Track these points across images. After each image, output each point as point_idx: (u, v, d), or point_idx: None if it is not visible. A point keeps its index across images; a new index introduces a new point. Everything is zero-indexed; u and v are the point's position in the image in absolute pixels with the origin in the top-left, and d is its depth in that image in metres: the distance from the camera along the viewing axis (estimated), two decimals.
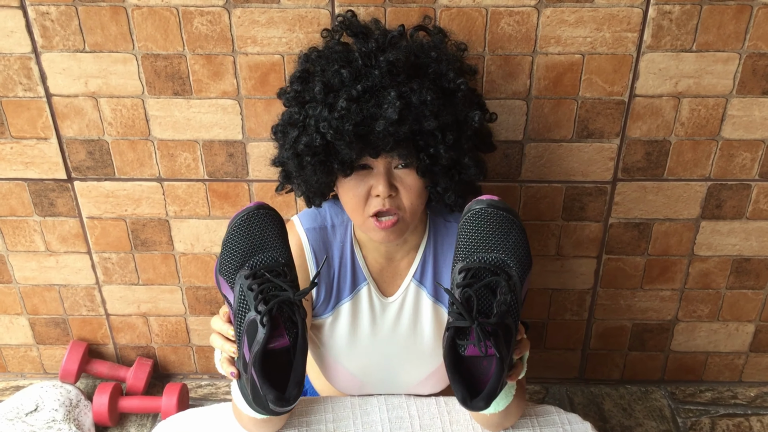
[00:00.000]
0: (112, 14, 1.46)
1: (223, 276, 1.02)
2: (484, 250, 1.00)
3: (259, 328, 0.95)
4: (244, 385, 1.03)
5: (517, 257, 1.00)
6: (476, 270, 0.99)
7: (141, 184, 1.67)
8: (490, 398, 0.97)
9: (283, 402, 0.95)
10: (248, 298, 0.98)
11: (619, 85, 1.52)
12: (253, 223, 1.02)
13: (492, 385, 0.97)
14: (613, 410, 1.94)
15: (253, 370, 0.96)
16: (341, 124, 1.08)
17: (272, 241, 1.02)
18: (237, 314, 1.00)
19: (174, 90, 1.54)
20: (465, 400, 0.98)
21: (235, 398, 1.13)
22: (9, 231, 1.76)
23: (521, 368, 1.05)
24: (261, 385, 0.96)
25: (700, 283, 1.82)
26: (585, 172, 1.64)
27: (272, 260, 1.01)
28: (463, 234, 1.01)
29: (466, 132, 1.15)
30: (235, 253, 1.02)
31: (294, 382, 0.98)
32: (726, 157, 1.62)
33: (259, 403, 1.00)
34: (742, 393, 2.00)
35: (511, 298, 0.97)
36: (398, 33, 1.22)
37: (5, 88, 1.55)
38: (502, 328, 0.96)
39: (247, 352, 0.98)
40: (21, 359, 2.00)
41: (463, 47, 1.32)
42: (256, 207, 1.03)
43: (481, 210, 1.00)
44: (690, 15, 1.44)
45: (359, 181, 1.15)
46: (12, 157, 1.64)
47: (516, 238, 1.00)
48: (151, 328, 1.93)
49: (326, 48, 1.22)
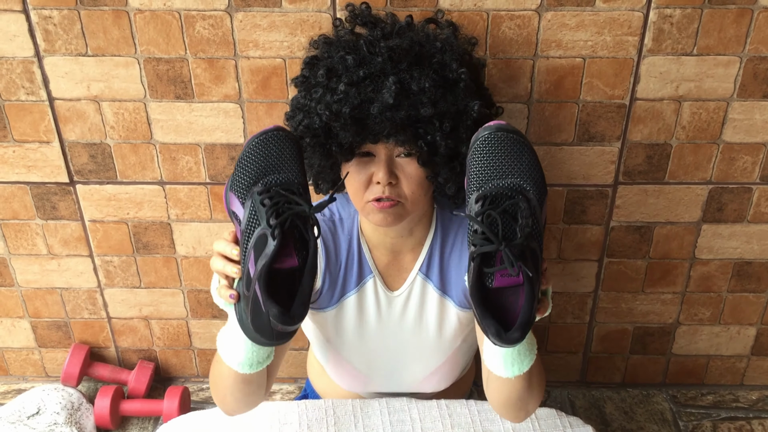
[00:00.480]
0: (114, 18, 1.46)
1: (234, 191, 1.00)
2: (499, 176, 0.97)
3: (269, 241, 0.92)
4: (242, 308, 0.99)
5: (533, 180, 0.97)
6: (493, 197, 0.95)
7: (143, 188, 1.68)
8: (526, 326, 0.92)
9: (287, 318, 0.91)
10: (260, 213, 0.94)
11: (620, 88, 1.52)
12: (270, 144, 1.00)
13: (525, 310, 0.92)
14: (615, 414, 1.94)
15: (257, 285, 0.92)
16: (339, 107, 1.09)
17: (289, 163, 1.00)
18: (246, 230, 0.96)
19: (176, 94, 1.54)
20: (499, 334, 0.92)
21: (223, 345, 1.09)
22: (11, 234, 1.76)
23: (547, 303, 1.02)
24: (264, 300, 0.91)
25: (702, 287, 1.82)
26: (586, 175, 1.64)
27: (287, 180, 0.99)
28: (474, 162, 0.98)
29: (465, 121, 1.15)
30: (249, 170, 0.99)
31: (300, 301, 0.94)
32: (727, 161, 1.62)
33: (258, 325, 0.95)
34: (744, 396, 2.00)
35: (533, 221, 0.94)
36: (406, 23, 1.25)
37: (8, 91, 1.56)
38: (529, 251, 0.93)
39: (252, 268, 0.94)
40: (23, 362, 2.00)
41: (474, 41, 1.34)
42: (275, 128, 1.01)
43: (491, 135, 0.97)
44: (691, 19, 1.45)
45: (361, 167, 1.16)
46: (14, 161, 1.65)
47: (529, 160, 0.98)
48: (152, 332, 1.93)
49: (336, 36, 1.25)
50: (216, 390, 1.17)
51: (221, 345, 1.10)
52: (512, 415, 1.18)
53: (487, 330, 0.94)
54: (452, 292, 1.29)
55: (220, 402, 1.18)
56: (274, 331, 0.94)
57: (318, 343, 1.40)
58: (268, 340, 0.97)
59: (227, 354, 1.08)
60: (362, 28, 1.27)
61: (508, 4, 1.43)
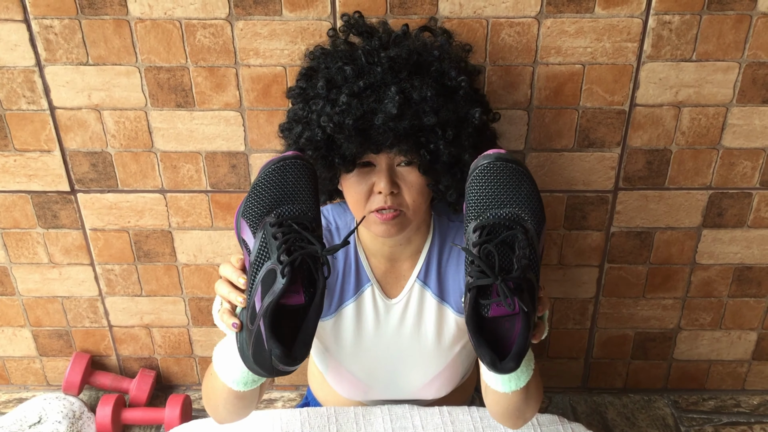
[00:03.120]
0: (115, 27, 1.47)
1: (246, 219, 0.99)
2: (497, 205, 0.96)
3: (277, 278, 0.90)
4: (244, 339, 0.97)
5: (531, 210, 0.97)
6: (491, 226, 0.95)
7: (144, 196, 1.68)
8: (520, 357, 0.92)
9: (290, 360, 0.90)
10: (271, 246, 0.93)
11: (620, 94, 1.53)
12: (287, 172, 0.98)
13: (520, 342, 0.92)
14: (617, 419, 1.94)
15: (262, 321, 0.91)
16: (341, 119, 1.09)
17: (304, 194, 0.99)
18: (255, 261, 0.95)
19: (177, 102, 1.55)
20: (494, 363, 0.92)
21: (219, 361, 1.07)
22: (12, 243, 1.76)
23: (543, 327, 1.02)
24: (268, 339, 0.90)
25: (702, 292, 1.82)
26: (586, 181, 1.64)
27: (301, 213, 0.97)
28: (473, 191, 0.98)
29: (467, 129, 1.15)
30: (263, 198, 0.98)
31: (302, 341, 0.93)
32: (727, 166, 1.62)
33: (259, 360, 0.94)
34: (745, 401, 1.99)
35: (530, 252, 0.93)
36: (402, 32, 1.25)
37: (9, 101, 1.56)
38: (526, 283, 0.92)
39: (258, 302, 0.93)
40: (24, 371, 2.00)
41: (468, 48, 1.34)
42: (293, 156, 0.99)
43: (490, 164, 0.97)
44: (690, 25, 1.45)
45: (362, 177, 1.16)
46: (15, 170, 1.65)
47: (528, 190, 0.97)
48: (154, 340, 1.93)
49: (332, 46, 1.25)
50: (208, 401, 1.16)
51: (217, 361, 1.08)
52: (510, 423, 1.18)
53: (482, 358, 0.94)
54: (450, 298, 1.29)
55: (212, 412, 1.17)
56: (275, 369, 0.93)
57: (317, 352, 1.40)
58: (268, 374, 0.97)
59: (223, 370, 1.07)
60: (356, 38, 1.27)
61: (507, 12, 1.43)
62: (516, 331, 0.94)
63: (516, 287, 0.91)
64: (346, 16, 1.30)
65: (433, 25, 1.36)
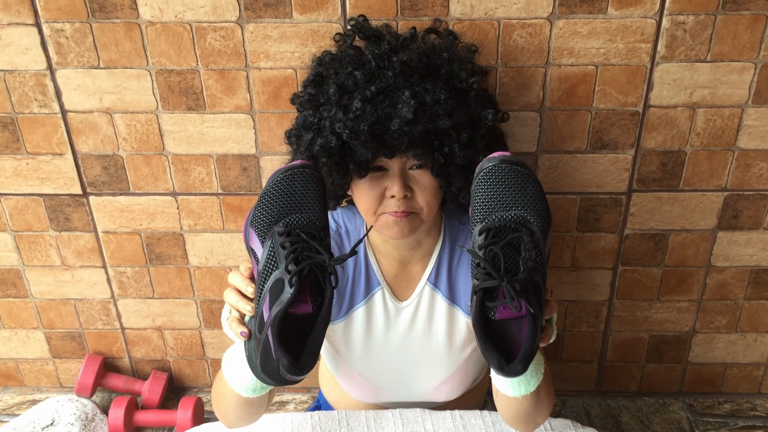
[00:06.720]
0: (126, 31, 1.47)
1: (254, 228, 0.99)
2: (503, 208, 0.96)
3: (285, 287, 0.91)
4: (252, 348, 0.98)
5: (536, 212, 0.96)
6: (497, 229, 0.94)
7: (155, 199, 1.68)
8: (527, 360, 0.91)
9: (297, 369, 0.90)
10: (279, 255, 0.94)
11: (633, 95, 1.51)
12: (295, 181, 0.98)
13: (527, 345, 0.91)
14: (631, 423, 1.93)
15: (270, 331, 0.91)
16: (356, 125, 1.08)
17: (312, 203, 0.99)
18: (263, 271, 0.95)
19: (188, 105, 1.55)
20: (501, 366, 0.91)
21: (228, 368, 1.07)
22: (25, 246, 1.77)
23: (551, 331, 1.01)
24: (275, 348, 0.91)
25: (718, 294, 1.80)
26: (600, 183, 1.63)
27: (309, 222, 0.97)
28: (478, 194, 0.97)
29: (480, 131, 1.15)
30: (272, 207, 0.98)
31: (309, 351, 0.93)
32: (742, 167, 1.60)
33: (267, 369, 0.95)
34: (762, 405, 1.97)
35: (536, 254, 0.93)
36: (410, 35, 1.24)
37: (21, 104, 1.57)
38: (532, 285, 0.92)
39: (266, 311, 0.94)
40: (37, 373, 2.01)
41: (474, 49, 1.34)
42: (301, 165, 0.99)
43: (495, 167, 0.96)
44: (704, 25, 1.43)
45: (374, 182, 1.15)
46: (28, 173, 1.66)
47: (533, 192, 0.97)
48: (166, 342, 1.93)
49: (339, 51, 1.24)
50: (218, 406, 1.16)
51: (227, 367, 1.08)
52: (521, 427, 1.17)
53: (489, 362, 0.93)
54: (461, 301, 1.29)
55: (222, 417, 1.17)
56: (283, 378, 0.94)
57: (328, 355, 1.40)
58: (276, 383, 0.97)
59: (231, 377, 1.06)
60: (361, 41, 1.26)
61: (519, 13, 1.42)
62: (523, 334, 0.94)
63: (522, 289, 0.91)
64: (353, 20, 1.29)
65: (439, 26, 1.35)
